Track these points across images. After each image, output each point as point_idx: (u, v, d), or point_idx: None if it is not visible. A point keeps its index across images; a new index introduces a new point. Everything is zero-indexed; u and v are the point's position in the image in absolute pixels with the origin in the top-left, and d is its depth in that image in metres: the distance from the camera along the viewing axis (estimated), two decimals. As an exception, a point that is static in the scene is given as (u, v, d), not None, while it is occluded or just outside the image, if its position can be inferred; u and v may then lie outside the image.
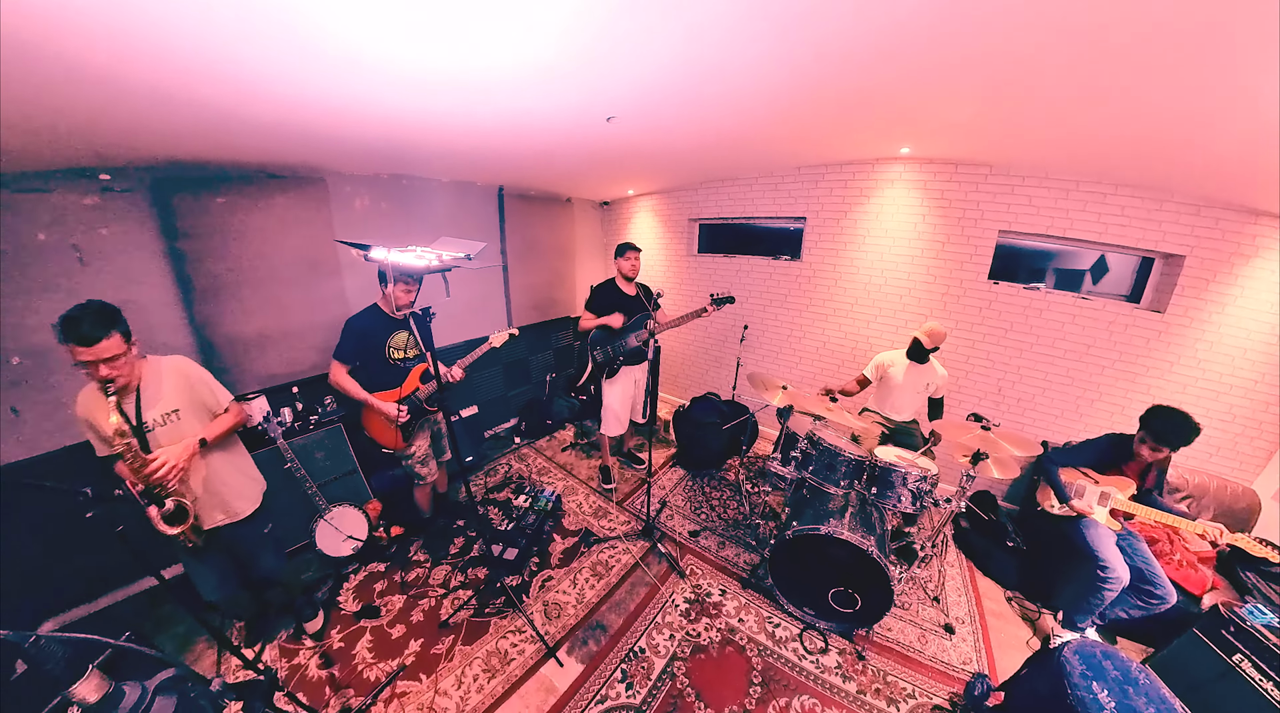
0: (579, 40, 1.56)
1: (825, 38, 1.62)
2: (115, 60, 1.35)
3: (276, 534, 2.24)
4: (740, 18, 1.48)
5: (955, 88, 2.02)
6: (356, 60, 1.54)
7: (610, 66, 1.76)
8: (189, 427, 1.83)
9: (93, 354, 1.52)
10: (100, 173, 2.18)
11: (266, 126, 2.03)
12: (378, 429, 2.55)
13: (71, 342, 1.49)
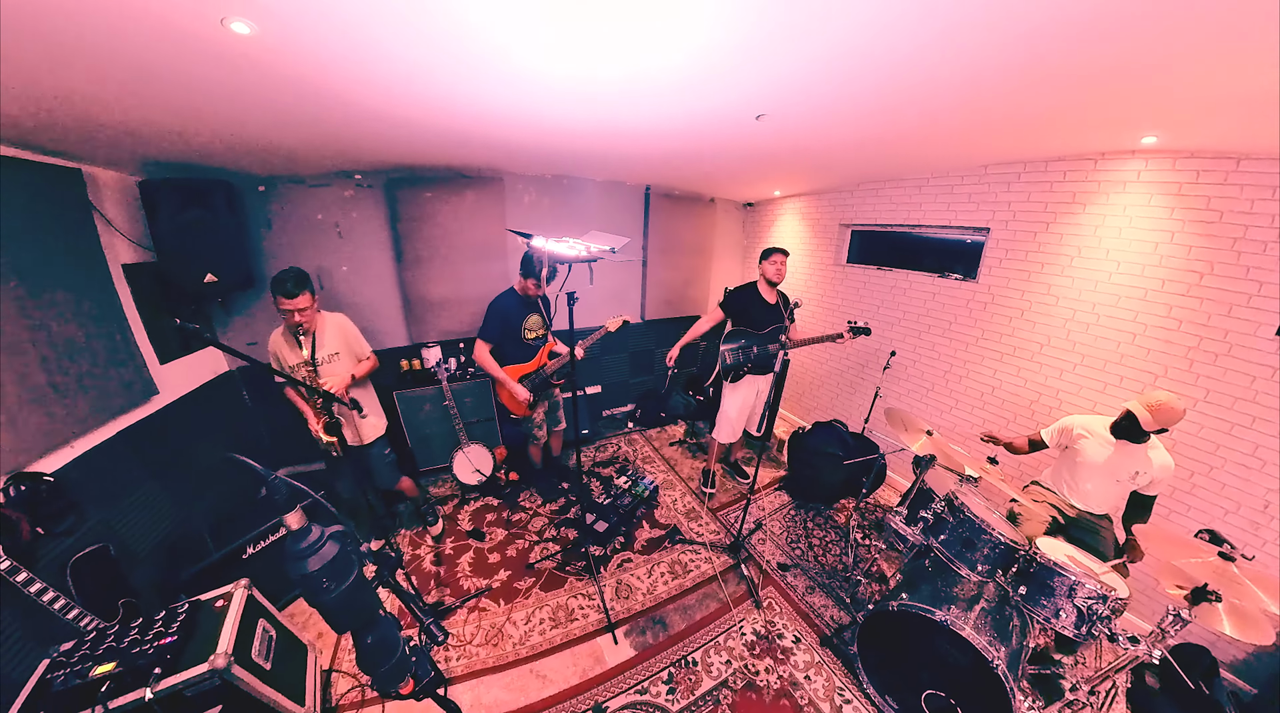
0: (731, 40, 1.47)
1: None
2: (371, 98, 1.88)
3: (392, 457, 2.76)
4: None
5: (1250, 41, 1.31)
6: (532, 79, 1.77)
7: (763, 63, 1.64)
8: (343, 366, 2.46)
9: (291, 305, 2.17)
10: (355, 174, 3.10)
11: (462, 138, 2.57)
12: (507, 398, 3.02)
13: (278, 295, 2.15)
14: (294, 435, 3.12)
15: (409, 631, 2.36)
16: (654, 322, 4.73)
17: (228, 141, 2.24)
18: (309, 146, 2.51)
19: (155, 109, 1.81)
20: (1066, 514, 2.31)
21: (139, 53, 1.38)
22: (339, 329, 2.47)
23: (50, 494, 1.89)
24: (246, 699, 1.58)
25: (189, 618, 1.62)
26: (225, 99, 1.77)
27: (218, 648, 1.53)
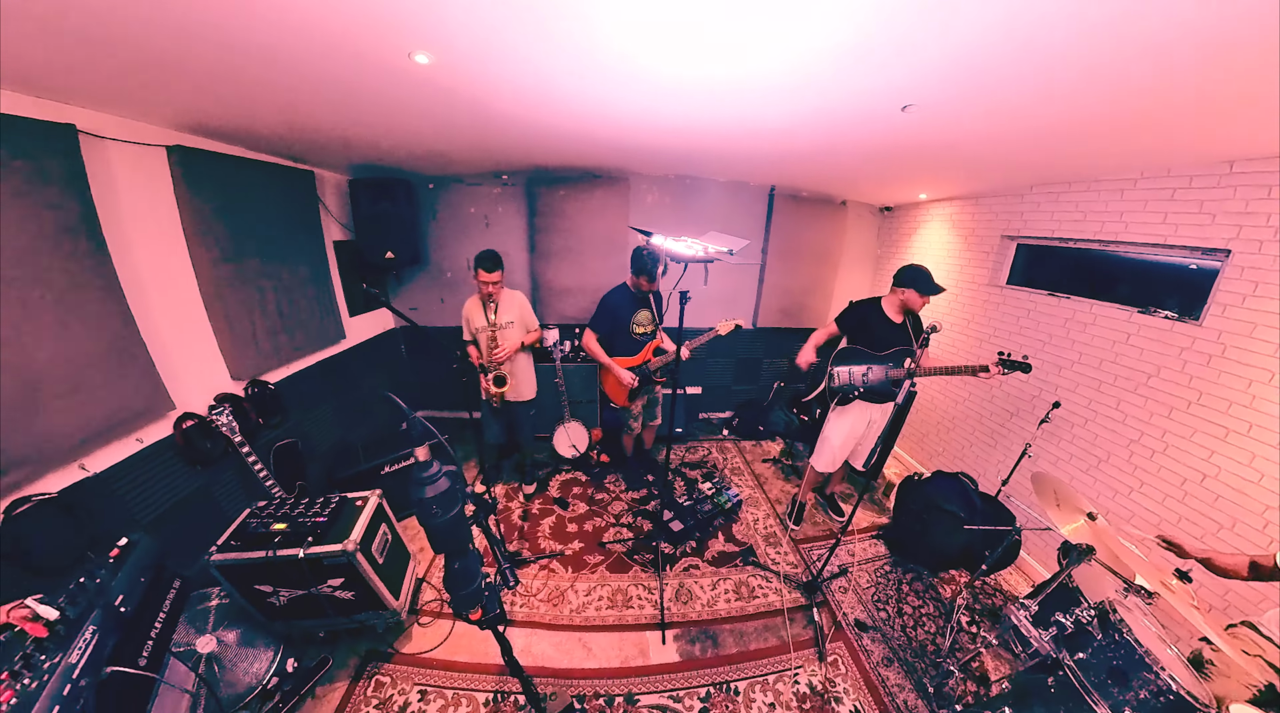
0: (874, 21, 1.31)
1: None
2: (516, 108, 2.18)
3: (534, 419, 3.36)
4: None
5: None
6: (657, 81, 1.82)
7: (914, 45, 1.42)
8: (515, 334, 3.04)
9: (487, 279, 2.79)
10: (503, 174, 3.66)
11: (592, 141, 2.80)
12: (610, 387, 3.26)
13: (479, 269, 2.77)
14: (436, 386, 3.92)
15: (488, 569, 2.72)
16: (766, 330, 4.56)
17: (409, 149, 2.87)
18: (468, 152, 3.04)
19: (359, 125, 2.39)
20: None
21: (350, 85, 1.84)
22: (517, 303, 3.07)
23: (271, 398, 2.66)
24: (360, 580, 2.05)
25: (337, 508, 2.13)
26: (409, 116, 2.25)
27: (350, 535, 1.99)
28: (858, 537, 3.26)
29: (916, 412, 4.03)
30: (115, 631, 1.38)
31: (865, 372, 2.75)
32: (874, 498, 3.69)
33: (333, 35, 1.43)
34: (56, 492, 1.76)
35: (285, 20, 1.33)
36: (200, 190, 2.27)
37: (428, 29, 1.41)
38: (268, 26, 1.36)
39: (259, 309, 2.61)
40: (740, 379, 4.76)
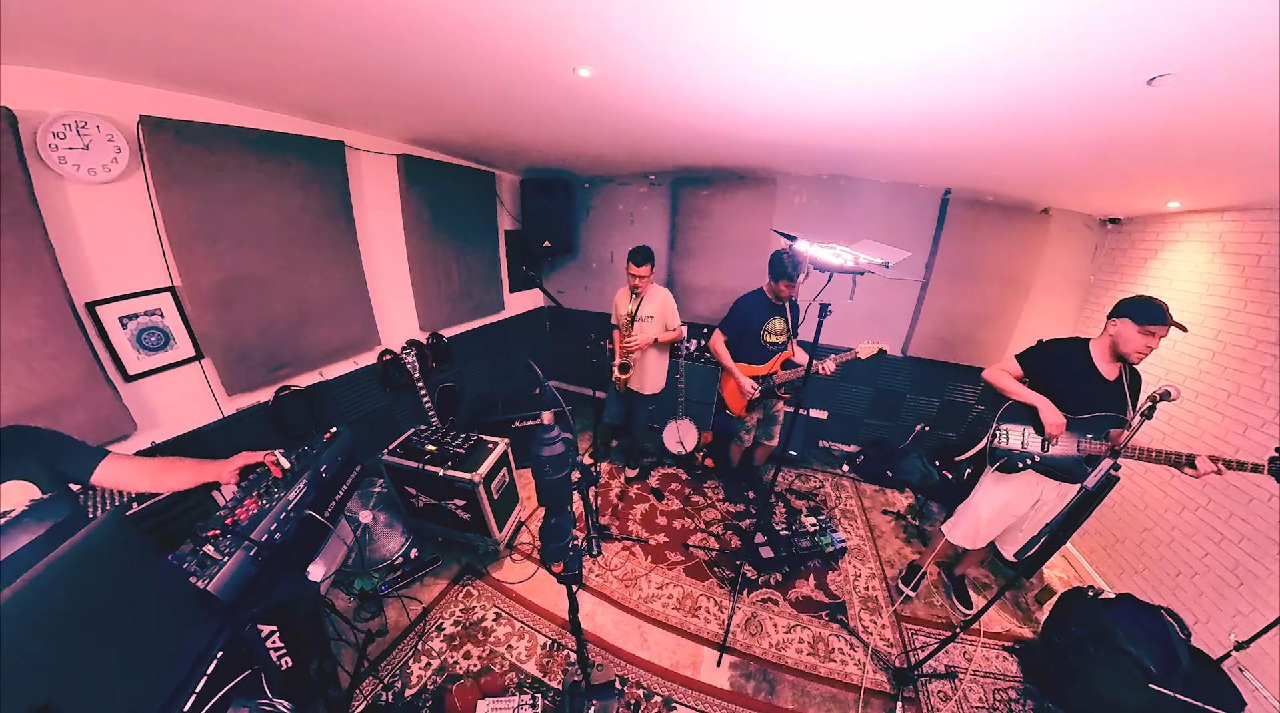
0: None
1: None
2: (666, 112, 2.33)
3: (652, 412, 3.52)
4: None
5: None
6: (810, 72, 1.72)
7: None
8: (651, 329, 3.21)
9: (635, 272, 3.00)
10: (650, 174, 3.89)
11: (741, 142, 2.81)
12: (729, 393, 3.17)
13: (630, 262, 2.99)
14: (569, 362, 4.56)
15: (578, 533, 3.01)
16: (917, 361, 3.87)
17: (569, 153, 3.32)
18: (621, 155, 3.36)
19: (530, 134, 2.86)
20: None
21: (524, 101, 2.25)
22: (660, 300, 3.23)
23: (444, 348, 3.40)
24: (477, 506, 2.54)
25: (474, 445, 2.66)
26: (571, 124, 2.62)
27: (478, 470, 2.48)
28: (983, 640, 2.53)
29: (1114, 506, 2.91)
30: (315, 488, 1.79)
31: (1051, 438, 2.12)
32: (1019, 600, 2.80)
33: (513, 60, 1.78)
34: (304, 386, 2.64)
35: (479, 52, 1.70)
36: (415, 186, 3.08)
37: (590, 44, 1.62)
38: (465, 59, 1.77)
39: (445, 278, 3.41)
40: (875, 412, 4.16)
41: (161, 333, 2.12)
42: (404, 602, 2.49)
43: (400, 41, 1.62)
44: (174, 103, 1.98)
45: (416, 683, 2.12)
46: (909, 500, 3.71)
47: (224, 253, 2.22)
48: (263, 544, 1.44)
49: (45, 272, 1.71)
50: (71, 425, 1.67)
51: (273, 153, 2.31)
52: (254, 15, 1.42)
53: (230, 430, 2.35)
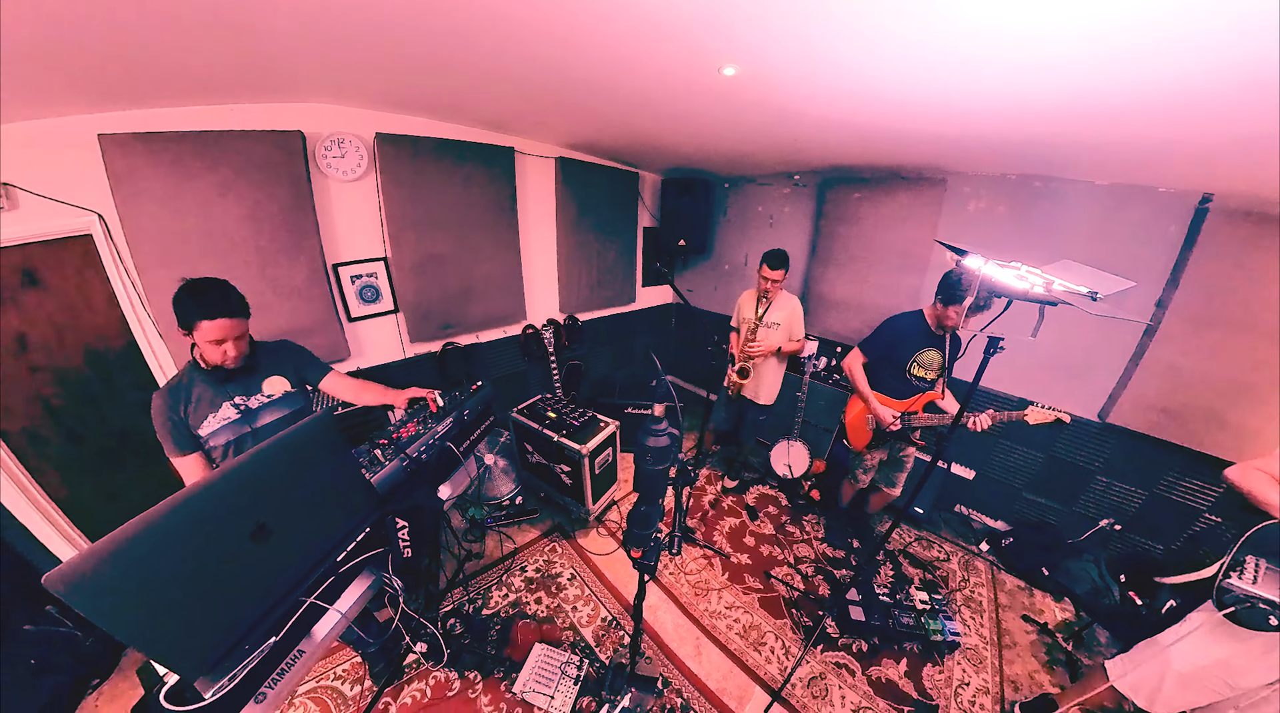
0: None
1: None
2: (816, 108, 2.23)
3: (763, 424, 3.35)
4: None
5: None
6: (1005, 43, 1.44)
7: None
8: (776, 336, 3.09)
9: (769, 275, 2.88)
10: (794, 174, 3.60)
11: (901, 136, 2.46)
12: (853, 422, 2.78)
13: (764, 264, 2.89)
14: (688, 360, 4.64)
15: (664, 526, 3.08)
16: (1120, 432, 2.71)
17: (711, 153, 3.33)
18: (763, 153, 3.23)
19: (672, 135, 2.99)
20: None
21: (667, 102, 2.37)
22: (789, 308, 3.08)
23: (577, 330, 3.81)
24: (579, 476, 2.84)
25: (588, 421, 2.96)
26: (714, 124, 2.67)
27: (587, 444, 2.76)
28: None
29: None
30: (458, 426, 2.09)
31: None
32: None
33: (658, 66, 1.92)
34: (463, 345, 3.31)
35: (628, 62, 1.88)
36: (568, 185, 3.51)
37: (736, 41, 1.64)
38: (618, 70, 1.98)
39: (586, 268, 3.81)
40: (1043, 488, 3.08)
41: (375, 290, 2.92)
42: (502, 537, 2.97)
43: (566, 60, 1.92)
44: (397, 122, 2.69)
45: (493, 607, 2.52)
46: (1065, 615, 2.71)
47: (421, 236, 2.92)
48: (413, 459, 1.79)
49: (312, 241, 2.54)
50: (312, 346, 2.24)
51: (460, 158, 2.92)
52: (457, 51, 1.86)
53: (407, 369, 3.11)
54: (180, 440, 1.56)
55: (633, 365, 4.70)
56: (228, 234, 2.32)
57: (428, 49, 1.85)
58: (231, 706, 1.10)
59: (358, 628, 1.91)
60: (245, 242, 2.38)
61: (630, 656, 1.96)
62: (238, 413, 1.64)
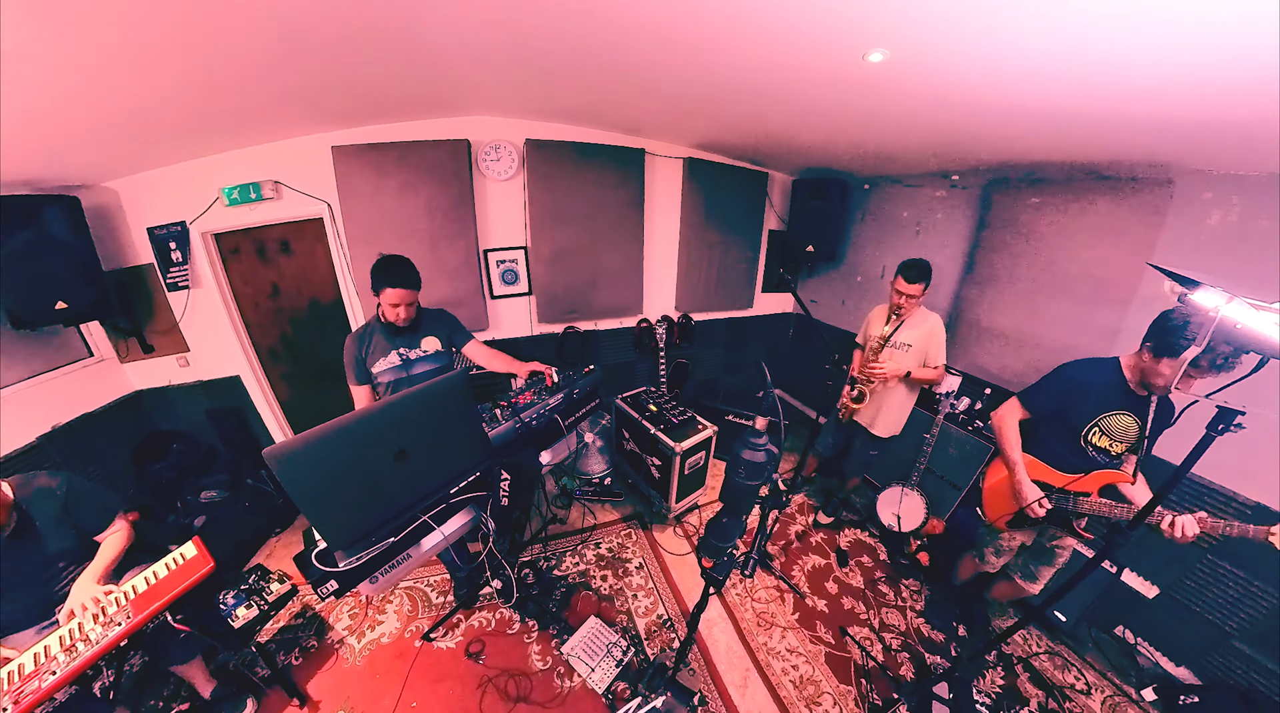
0: None
1: None
2: (989, 94, 1.87)
3: (874, 460, 2.93)
4: None
5: None
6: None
7: None
8: (908, 360, 2.62)
9: (905, 289, 2.45)
10: (952, 175, 2.97)
11: (1114, 122, 1.87)
12: (992, 489, 2.13)
13: (900, 276, 2.47)
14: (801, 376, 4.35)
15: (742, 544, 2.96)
16: None
17: (852, 151, 3.00)
18: (913, 150, 2.81)
19: (808, 132, 2.82)
20: None
21: (806, 98, 2.26)
22: (927, 328, 2.61)
23: (689, 329, 3.88)
24: (667, 472, 2.90)
25: (687, 420, 3.01)
26: (853, 119, 2.46)
27: (682, 443, 2.81)
28: None
29: None
30: (567, 402, 2.30)
31: None
32: None
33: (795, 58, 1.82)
34: (582, 330, 3.64)
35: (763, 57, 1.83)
36: (695, 184, 3.56)
37: (885, 21, 1.50)
38: (752, 67, 1.95)
39: (706, 267, 3.82)
40: (1267, 642, 2.01)
41: (514, 274, 3.41)
42: (585, 511, 3.23)
43: (701, 64, 1.98)
44: (544, 129, 3.08)
45: (563, 570, 2.78)
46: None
47: (557, 229, 3.32)
48: (524, 423, 2.04)
49: (470, 229, 3.10)
50: (461, 316, 2.66)
51: (595, 159, 3.22)
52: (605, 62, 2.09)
53: (531, 345, 3.57)
54: (358, 374, 2.11)
55: (741, 373, 4.54)
56: (409, 222, 2.99)
57: (577, 64, 2.12)
58: (354, 578, 1.51)
59: (454, 552, 2.37)
60: (422, 228, 3.03)
61: (675, 661, 1.99)
62: (400, 360, 2.12)
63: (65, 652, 1.45)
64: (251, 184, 2.74)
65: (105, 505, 1.86)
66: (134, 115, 2.08)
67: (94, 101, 1.86)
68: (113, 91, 1.83)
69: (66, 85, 1.69)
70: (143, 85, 1.84)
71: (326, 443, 1.28)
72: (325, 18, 1.59)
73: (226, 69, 1.85)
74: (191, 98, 2.04)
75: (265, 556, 2.98)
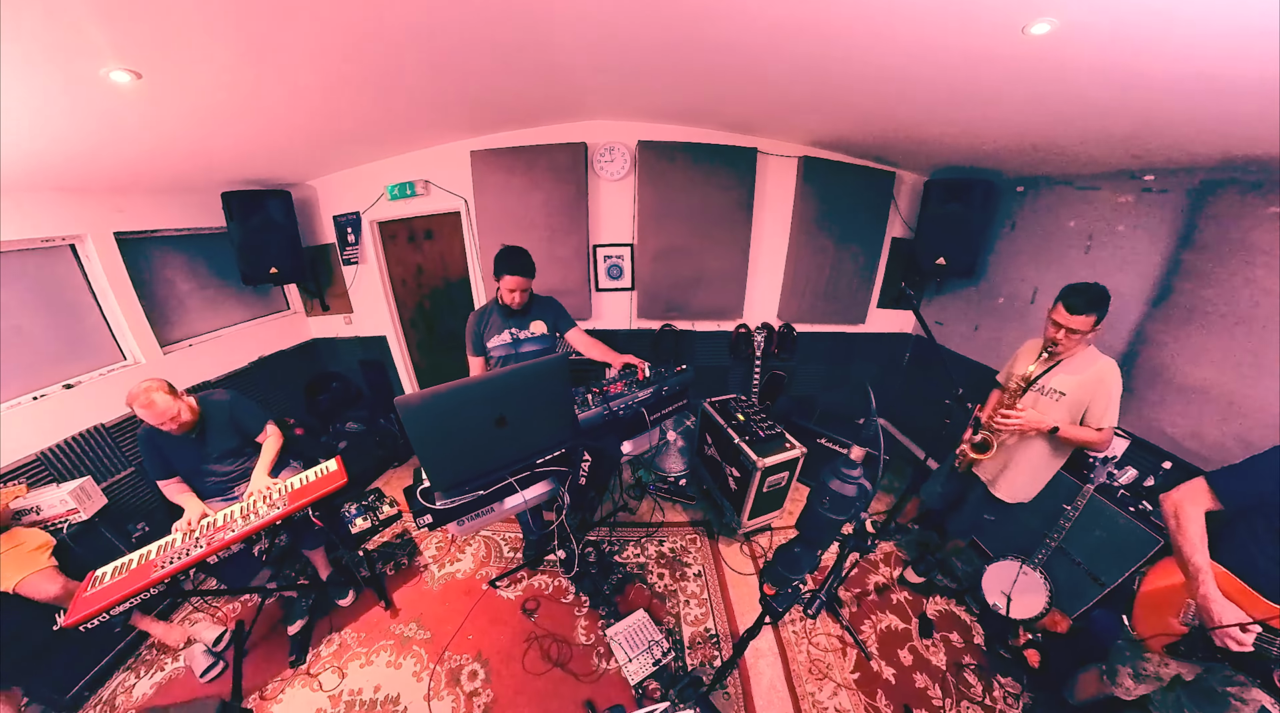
0: None
1: None
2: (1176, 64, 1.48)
3: (989, 523, 2.43)
4: None
5: None
6: None
7: None
8: (1059, 411, 2.05)
9: (1064, 321, 1.91)
10: (1146, 175, 2.26)
11: None
12: (1150, 595, 1.67)
13: (1060, 303, 1.94)
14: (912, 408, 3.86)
15: (811, 581, 2.76)
16: None
17: (1004, 143, 2.52)
18: (1088, 142, 2.26)
19: (947, 125, 2.46)
20: None
21: (948, 84, 1.98)
22: (1094, 375, 2.00)
23: (790, 340, 3.70)
24: (745, 486, 2.80)
25: (775, 436, 2.86)
26: (1013, 106, 2.07)
27: (764, 459, 2.66)
28: None
29: None
30: (654, 398, 2.37)
31: None
32: None
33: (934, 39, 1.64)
34: (679, 329, 3.69)
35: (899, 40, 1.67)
36: (809, 184, 3.33)
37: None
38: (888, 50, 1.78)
39: (815, 276, 3.55)
40: None
41: (619, 269, 3.59)
42: (655, 506, 3.30)
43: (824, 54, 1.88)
44: (656, 130, 3.19)
45: (624, 558, 2.91)
46: None
47: (663, 228, 3.41)
48: (612, 411, 2.18)
49: (583, 225, 3.37)
50: (567, 304, 2.88)
51: (705, 159, 3.22)
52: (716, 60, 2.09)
53: (628, 339, 3.72)
54: (475, 346, 2.44)
55: (842, 394, 4.11)
56: (530, 217, 3.35)
57: (688, 63, 2.15)
58: (445, 517, 1.83)
59: (530, 515, 2.68)
60: (540, 222, 3.37)
61: (713, 679, 1.95)
62: (510, 339, 2.43)
63: (242, 518, 2.09)
64: (408, 183, 3.42)
65: (259, 416, 2.50)
66: (328, 133, 2.81)
67: (302, 124, 2.56)
68: (314, 116, 2.48)
69: (285, 114, 2.35)
70: (334, 111, 2.47)
71: (443, 400, 1.57)
72: (475, 40, 1.88)
73: (395, 96, 2.41)
74: (369, 119, 2.68)
75: (383, 482, 3.74)
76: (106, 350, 2.84)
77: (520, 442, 1.81)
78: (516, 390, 1.71)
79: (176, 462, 2.24)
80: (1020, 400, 2.13)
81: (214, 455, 2.36)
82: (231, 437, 2.40)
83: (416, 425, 1.54)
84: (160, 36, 1.48)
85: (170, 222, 3.09)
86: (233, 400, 2.38)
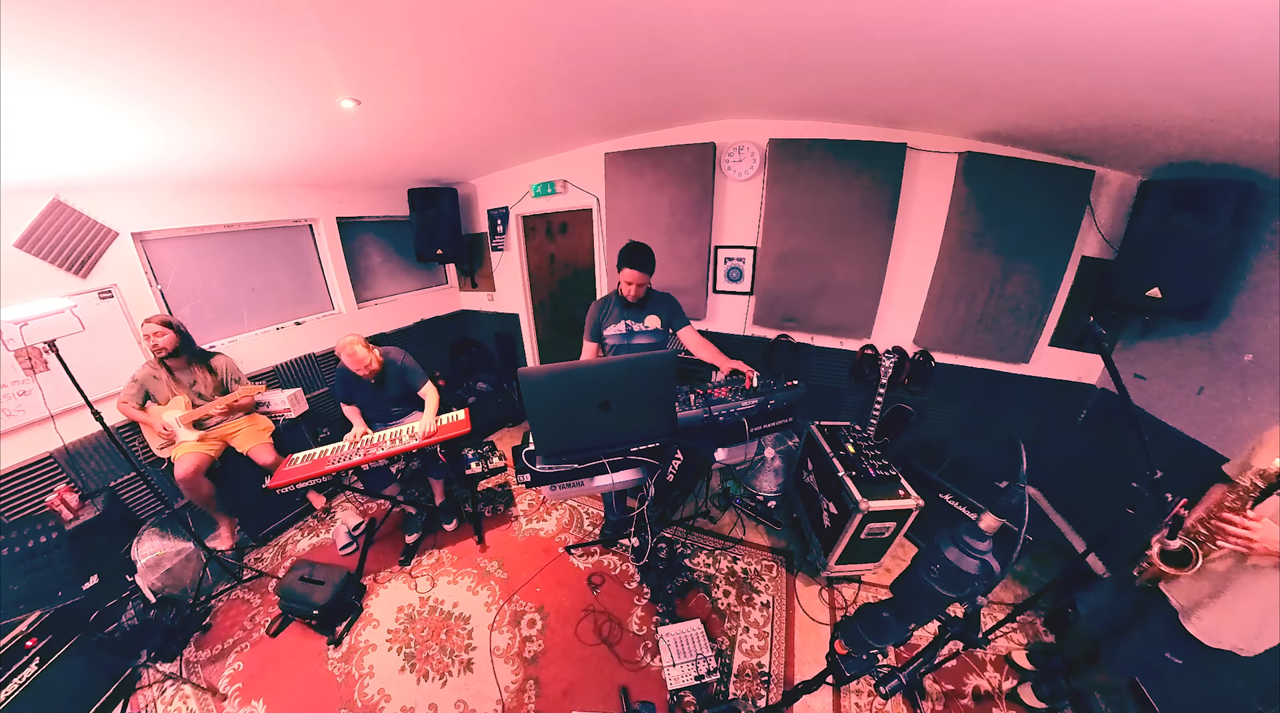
0: None
1: None
2: None
3: (1170, 667, 1.68)
4: None
5: None
6: None
7: None
8: None
9: None
10: None
11: None
12: None
13: None
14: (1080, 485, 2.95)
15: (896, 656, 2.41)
16: None
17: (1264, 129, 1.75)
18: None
19: (1186, 103, 1.78)
20: None
21: (1191, 44, 1.42)
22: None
23: (926, 371, 3.23)
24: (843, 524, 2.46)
25: (887, 478, 2.49)
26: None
27: (869, 502, 2.35)
28: None
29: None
30: (758, 410, 2.28)
31: None
32: None
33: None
34: (795, 341, 3.50)
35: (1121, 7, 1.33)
36: (971, 186, 2.77)
37: None
38: (1082, 20, 1.45)
39: (968, 299, 2.97)
40: None
41: (739, 272, 3.53)
42: (737, 521, 3.19)
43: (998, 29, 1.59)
44: (789, 127, 3.02)
45: (693, 564, 2.89)
46: None
47: (790, 232, 3.25)
48: (712, 415, 2.18)
49: (705, 226, 3.41)
50: (683, 303, 2.91)
51: (843, 157, 2.95)
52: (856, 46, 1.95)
53: (740, 344, 3.64)
54: (592, 332, 2.68)
55: (983, 445, 3.28)
56: (655, 215, 3.50)
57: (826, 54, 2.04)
58: (541, 480, 2.08)
59: (614, 497, 2.91)
60: (664, 221, 3.49)
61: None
62: (625, 330, 2.62)
63: (391, 441, 2.79)
64: (549, 182, 3.90)
65: (420, 375, 3.11)
66: (488, 141, 3.47)
67: (468, 134, 3.19)
68: (477, 126, 3.07)
69: (456, 126, 2.98)
70: (493, 122, 3.06)
71: (558, 377, 1.80)
72: (615, 50, 2.10)
73: (543, 107, 2.84)
74: (520, 128, 3.24)
75: (498, 438, 4.39)
76: (322, 301, 3.99)
77: (619, 427, 1.93)
78: (624, 379, 1.83)
79: (356, 395, 2.97)
80: (1257, 508, 1.48)
81: (383, 398, 3.06)
82: (399, 386, 3.04)
83: (533, 395, 1.76)
84: (374, 72, 2.04)
85: (371, 210, 4.16)
86: (404, 360, 3.03)
